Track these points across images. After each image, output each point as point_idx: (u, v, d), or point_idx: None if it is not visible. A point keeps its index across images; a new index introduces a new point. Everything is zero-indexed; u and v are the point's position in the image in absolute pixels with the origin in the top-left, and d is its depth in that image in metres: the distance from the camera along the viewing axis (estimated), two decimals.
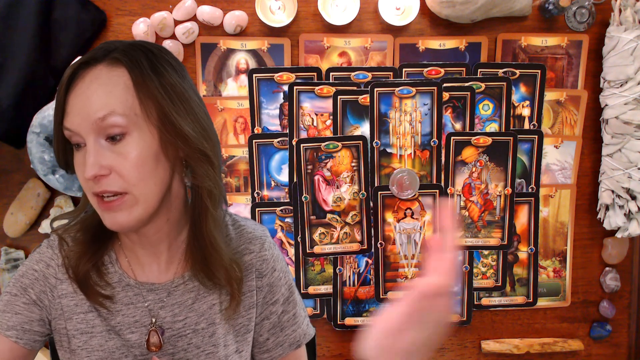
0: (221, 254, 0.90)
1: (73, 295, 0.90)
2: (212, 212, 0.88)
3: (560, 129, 1.57)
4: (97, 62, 0.83)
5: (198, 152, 0.84)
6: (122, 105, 0.80)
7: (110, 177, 0.80)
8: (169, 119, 0.82)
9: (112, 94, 0.80)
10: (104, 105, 0.79)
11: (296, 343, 1.02)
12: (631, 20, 1.48)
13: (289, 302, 1.01)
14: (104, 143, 0.80)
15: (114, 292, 0.90)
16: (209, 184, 0.86)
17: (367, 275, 1.56)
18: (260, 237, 1.00)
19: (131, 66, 0.82)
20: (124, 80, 0.81)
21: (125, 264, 0.92)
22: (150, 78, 0.82)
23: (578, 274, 1.63)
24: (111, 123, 0.79)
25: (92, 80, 0.81)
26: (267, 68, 1.49)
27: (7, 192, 1.48)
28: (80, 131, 0.80)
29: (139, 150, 0.81)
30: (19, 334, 0.87)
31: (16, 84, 1.34)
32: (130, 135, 0.81)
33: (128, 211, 0.81)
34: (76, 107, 0.80)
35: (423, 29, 1.52)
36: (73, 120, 0.80)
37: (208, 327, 0.93)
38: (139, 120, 0.81)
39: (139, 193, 0.81)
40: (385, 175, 1.53)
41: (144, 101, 0.81)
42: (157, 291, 0.92)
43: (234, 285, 0.92)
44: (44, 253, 0.92)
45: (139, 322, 0.91)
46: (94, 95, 0.80)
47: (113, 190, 0.80)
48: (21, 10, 1.35)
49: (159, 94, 0.81)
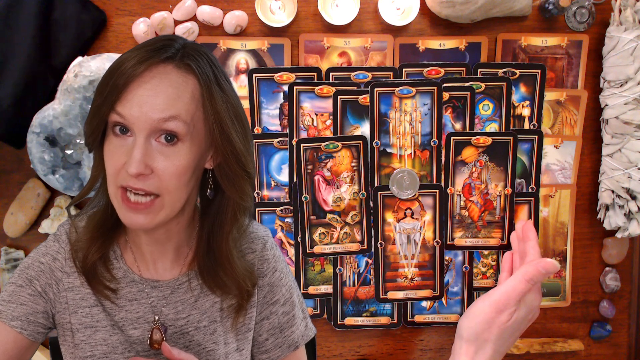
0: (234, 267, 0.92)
1: (79, 289, 0.90)
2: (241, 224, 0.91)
3: (560, 129, 1.57)
4: (168, 60, 0.81)
5: (245, 173, 0.86)
6: (187, 113, 0.80)
7: (150, 177, 0.79)
8: (228, 137, 0.83)
9: (180, 99, 0.80)
10: (171, 107, 0.79)
11: (294, 345, 1.02)
12: (631, 20, 1.48)
13: (289, 303, 1.02)
14: (154, 143, 0.80)
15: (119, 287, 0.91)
16: (248, 203, 0.89)
17: (367, 275, 1.56)
18: (262, 237, 1.01)
19: (201, 77, 0.81)
20: (192, 89, 0.81)
21: (131, 260, 0.93)
22: (216, 94, 0.82)
23: (578, 274, 1.63)
24: (172, 127, 0.79)
25: (162, 78, 0.79)
26: (267, 68, 1.49)
27: (7, 192, 1.48)
28: (136, 123, 0.78)
29: (186, 159, 0.81)
30: (24, 324, 0.87)
31: (16, 84, 1.34)
32: (183, 144, 0.80)
33: (154, 214, 0.81)
34: (140, 97, 0.78)
35: (423, 29, 1.52)
36: (132, 110, 0.78)
37: (209, 324, 0.94)
38: (195, 132, 0.81)
39: (169, 199, 0.81)
40: (385, 175, 1.53)
41: (209, 116, 0.81)
42: (161, 288, 0.92)
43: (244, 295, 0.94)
44: (50, 246, 0.92)
45: (142, 318, 0.91)
46: (161, 94, 0.79)
47: (149, 190, 0.79)
48: (21, 10, 1.35)
49: (223, 111, 0.82)
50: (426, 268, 1.56)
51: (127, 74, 0.78)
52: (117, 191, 0.81)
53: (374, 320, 1.58)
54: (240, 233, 0.94)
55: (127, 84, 0.78)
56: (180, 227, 0.91)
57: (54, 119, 1.34)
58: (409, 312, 1.59)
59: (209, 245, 0.91)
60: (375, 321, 1.58)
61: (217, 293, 0.94)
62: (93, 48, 1.44)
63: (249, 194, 0.89)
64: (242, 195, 0.88)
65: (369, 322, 1.58)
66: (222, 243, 0.90)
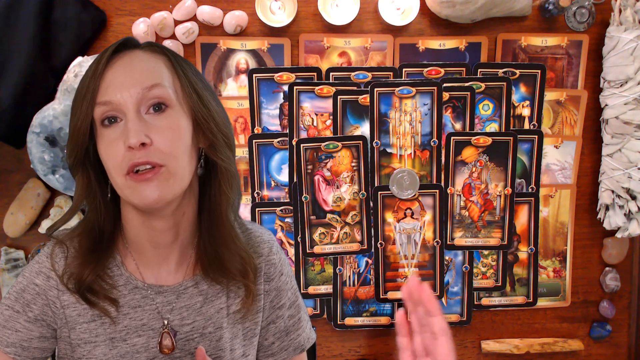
0: (237, 242, 0.91)
1: (75, 305, 0.89)
2: (231, 197, 0.91)
3: (560, 129, 1.57)
4: (133, 47, 0.86)
5: (224, 137, 0.88)
6: (166, 80, 0.84)
7: (151, 147, 0.80)
8: (204, 102, 0.86)
9: (156, 69, 0.84)
10: (152, 77, 0.82)
11: (300, 347, 1.02)
12: (631, 20, 1.48)
13: (294, 306, 1.02)
14: (145, 115, 0.82)
15: (120, 295, 0.89)
16: (232, 168, 0.90)
17: (367, 275, 1.56)
18: (267, 241, 1.00)
19: (169, 53, 0.87)
20: (163, 61, 0.86)
21: (133, 266, 0.91)
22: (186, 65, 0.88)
23: (578, 274, 1.63)
24: (158, 93, 0.82)
25: (132, 59, 0.84)
26: (267, 68, 1.49)
27: (7, 192, 1.48)
28: (123, 103, 0.80)
29: (179, 123, 0.83)
30: (18, 350, 0.87)
31: (16, 84, 1.34)
32: (172, 109, 0.83)
33: (163, 184, 0.81)
34: (118, 80, 0.81)
35: (423, 29, 1.52)
36: (114, 92, 0.81)
37: (215, 331, 0.93)
38: (179, 99, 0.84)
39: (175, 167, 0.82)
40: (385, 175, 1.53)
41: (183, 82, 0.85)
42: (165, 293, 0.91)
43: (250, 275, 0.93)
44: (42, 263, 0.90)
45: (147, 325, 0.90)
46: (137, 68, 0.83)
47: (153, 160, 0.80)
48: (21, 10, 1.35)
49: (194, 79, 0.87)
50: (426, 268, 1.56)
51: (97, 71, 0.82)
52: (124, 179, 0.81)
53: (374, 320, 1.58)
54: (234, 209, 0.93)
55: (100, 76, 0.82)
56: (186, 222, 0.90)
57: (54, 119, 1.34)
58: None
59: (209, 231, 0.91)
60: (375, 321, 1.58)
61: (220, 281, 0.92)
62: (93, 48, 1.44)
63: (233, 162, 0.90)
64: (228, 163, 0.89)
65: (369, 322, 1.58)
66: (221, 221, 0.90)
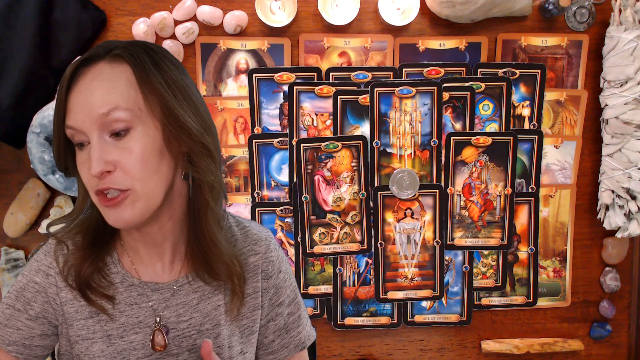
0: (221, 249, 0.90)
1: (73, 302, 0.90)
2: (213, 207, 0.88)
3: (560, 129, 1.57)
4: (98, 59, 0.83)
5: (200, 146, 0.85)
6: (125, 100, 0.80)
7: (115, 173, 0.80)
8: (173, 112, 0.82)
9: (115, 89, 0.80)
10: (107, 101, 0.79)
11: (301, 345, 1.02)
12: (631, 20, 1.48)
13: (294, 303, 1.01)
14: (108, 139, 0.80)
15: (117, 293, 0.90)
16: (211, 178, 0.86)
17: (367, 275, 1.56)
18: (265, 238, 1.00)
19: (133, 62, 0.82)
20: (127, 75, 0.82)
21: (128, 263, 0.92)
22: (152, 73, 0.82)
23: (578, 274, 1.63)
24: (115, 118, 0.79)
25: (93, 77, 0.81)
26: (267, 68, 1.49)
27: (7, 192, 1.48)
28: (84, 128, 0.80)
29: (143, 144, 0.81)
30: (20, 349, 0.88)
31: (16, 84, 1.34)
32: (134, 130, 0.81)
33: (131, 207, 0.81)
34: (78, 104, 0.80)
35: (423, 29, 1.52)
36: (76, 117, 0.80)
37: (213, 328, 0.93)
38: (143, 115, 0.81)
39: (142, 189, 0.81)
40: (385, 175, 1.53)
41: (148, 96, 0.81)
42: (161, 291, 0.91)
43: (235, 280, 0.92)
44: (41, 261, 0.91)
45: (143, 322, 0.90)
46: (96, 91, 0.80)
47: (117, 187, 0.80)
48: (21, 10, 1.35)
49: (162, 88, 0.82)
50: (426, 268, 1.56)
51: (64, 88, 0.82)
52: (95, 197, 0.82)
53: (374, 320, 1.58)
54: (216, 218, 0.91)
55: (67, 97, 0.82)
56: (174, 223, 0.90)
57: None
58: (409, 312, 1.59)
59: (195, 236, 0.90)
60: (375, 321, 1.58)
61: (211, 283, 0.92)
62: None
63: (213, 171, 0.87)
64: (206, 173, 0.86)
65: (369, 322, 1.58)
66: (202, 225, 0.89)
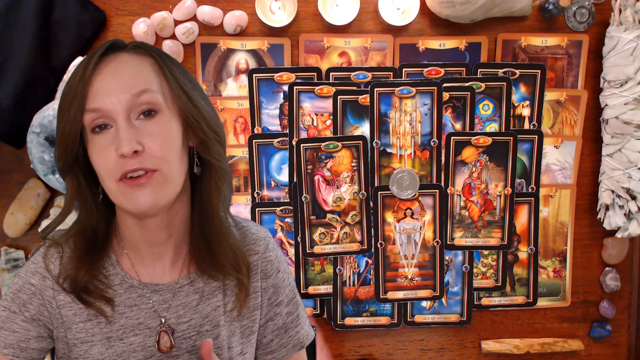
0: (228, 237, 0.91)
1: (71, 305, 0.89)
2: (223, 193, 0.91)
3: (560, 129, 1.57)
4: (118, 50, 0.85)
5: (215, 135, 0.88)
6: (154, 84, 0.83)
7: (144, 154, 0.80)
8: (192, 101, 0.86)
9: (143, 73, 0.83)
10: (139, 82, 0.82)
11: (300, 344, 1.02)
12: (631, 20, 1.48)
13: (292, 303, 1.01)
14: (136, 122, 0.81)
15: (116, 295, 0.89)
16: (224, 164, 0.90)
17: (367, 275, 1.56)
18: (264, 238, 1.00)
19: (155, 54, 0.86)
20: (150, 63, 0.85)
21: (128, 265, 0.91)
22: (173, 66, 0.87)
23: (578, 274, 1.63)
24: (147, 99, 0.82)
25: (119, 63, 0.83)
26: (267, 68, 1.49)
27: (7, 192, 1.48)
28: (112, 109, 0.80)
29: (170, 128, 0.83)
30: (16, 352, 0.87)
31: (16, 84, 1.34)
32: (162, 114, 0.83)
33: (157, 189, 0.81)
34: (106, 87, 0.81)
35: (423, 29, 1.52)
36: (103, 100, 0.80)
37: (212, 329, 0.93)
38: (167, 102, 0.84)
39: (168, 171, 0.82)
40: (385, 175, 1.53)
41: (171, 83, 0.85)
42: (161, 292, 0.91)
43: (243, 269, 0.93)
44: (38, 264, 0.91)
45: (143, 324, 0.90)
46: (125, 75, 0.82)
47: (146, 167, 0.80)
48: (21, 10, 1.35)
49: (181, 78, 0.86)
50: (426, 268, 1.56)
51: (85, 75, 0.81)
52: (117, 185, 0.81)
53: (374, 320, 1.58)
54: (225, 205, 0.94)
55: (88, 82, 0.81)
56: (179, 220, 0.90)
57: (54, 119, 1.34)
58: (409, 312, 1.59)
59: (201, 227, 0.91)
60: (375, 321, 1.58)
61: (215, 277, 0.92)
62: (93, 48, 1.43)
63: (224, 158, 0.91)
64: (218, 157, 0.89)
65: (369, 322, 1.58)
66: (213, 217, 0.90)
